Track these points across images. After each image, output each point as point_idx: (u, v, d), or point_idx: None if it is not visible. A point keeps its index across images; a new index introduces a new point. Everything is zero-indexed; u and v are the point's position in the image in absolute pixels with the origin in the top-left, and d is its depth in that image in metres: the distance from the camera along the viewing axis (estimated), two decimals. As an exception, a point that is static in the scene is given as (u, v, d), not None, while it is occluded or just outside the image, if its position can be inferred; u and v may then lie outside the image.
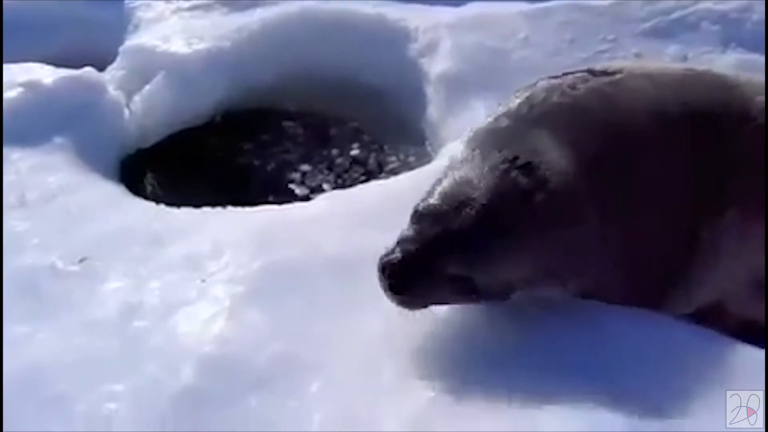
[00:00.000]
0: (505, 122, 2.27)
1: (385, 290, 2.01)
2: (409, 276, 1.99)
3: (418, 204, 2.09)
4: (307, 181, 3.70)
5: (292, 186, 3.67)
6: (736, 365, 2.08)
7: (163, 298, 2.41)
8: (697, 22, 4.00)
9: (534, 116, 2.25)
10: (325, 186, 3.64)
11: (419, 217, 2.05)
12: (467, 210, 1.98)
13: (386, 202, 2.98)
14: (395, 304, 2.04)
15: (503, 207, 1.99)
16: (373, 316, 2.35)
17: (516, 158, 2.06)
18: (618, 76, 2.39)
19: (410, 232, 2.03)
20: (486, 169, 2.05)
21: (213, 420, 2.02)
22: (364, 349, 2.22)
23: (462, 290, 2.05)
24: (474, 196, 2.00)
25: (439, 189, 2.08)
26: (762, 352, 2.12)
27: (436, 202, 2.05)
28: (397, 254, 1.99)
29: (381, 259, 2.01)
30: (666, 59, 3.78)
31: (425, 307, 2.09)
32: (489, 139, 2.19)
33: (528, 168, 2.04)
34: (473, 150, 2.14)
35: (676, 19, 4.04)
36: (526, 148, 2.10)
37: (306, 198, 3.47)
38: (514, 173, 2.03)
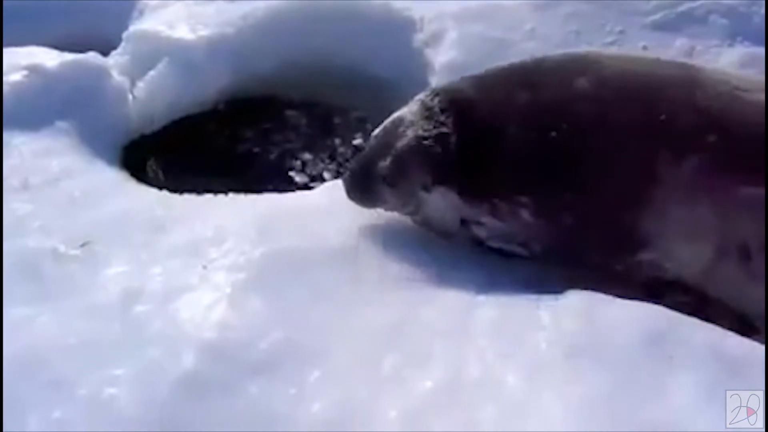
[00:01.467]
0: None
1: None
2: (354, 183, 2.67)
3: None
4: (310, 170, 3.69)
5: (294, 174, 3.66)
6: (736, 364, 2.07)
7: (165, 284, 2.42)
8: (705, 15, 3.98)
9: (482, 72, 2.69)
10: (327, 175, 3.63)
11: (368, 140, 2.72)
12: (392, 134, 2.59)
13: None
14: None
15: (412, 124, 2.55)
16: (374, 306, 2.36)
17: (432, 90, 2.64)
18: (583, 53, 2.73)
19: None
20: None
21: (213, 406, 2.02)
22: (365, 338, 2.23)
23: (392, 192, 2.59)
24: (400, 126, 2.57)
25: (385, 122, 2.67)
26: (762, 350, 2.11)
27: (377, 131, 2.68)
28: (348, 169, 2.73)
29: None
30: (672, 52, 3.76)
31: (374, 206, 2.69)
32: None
33: (434, 94, 2.59)
34: None
35: (684, 12, 4.01)
36: (448, 88, 2.64)
37: (308, 187, 3.46)
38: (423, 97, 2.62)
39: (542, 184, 2.45)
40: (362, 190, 2.66)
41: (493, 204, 2.49)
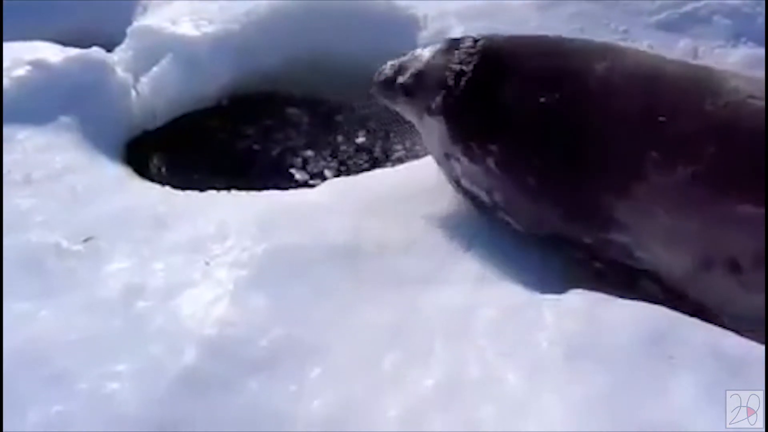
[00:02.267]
0: None
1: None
2: (382, 82, 2.95)
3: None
4: (312, 168, 3.69)
5: (296, 172, 3.66)
6: (736, 365, 2.07)
7: (167, 280, 2.42)
8: (709, 15, 3.98)
9: (525, 35, 2.94)
10: (330, 173, 3.62)
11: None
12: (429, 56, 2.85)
13: (391, 190, 2.98)
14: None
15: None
16: (374, 304, 2.36)
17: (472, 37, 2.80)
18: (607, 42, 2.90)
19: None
20: None
21: (213, 402, 2.03)
22: (366, 336, 2.23)
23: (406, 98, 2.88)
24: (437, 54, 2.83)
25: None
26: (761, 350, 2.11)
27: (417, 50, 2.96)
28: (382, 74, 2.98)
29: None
30: (676, 53, 3.75)
31: (391, 105, 3.02)
32: None
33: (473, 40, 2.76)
34: None
35: (688, 12, 4.01)
36: (487, 36, 2.80)
37: (310, 184, 3.46)
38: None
39: (511, 138, 2.59)
40: (386, 88, 2.94)
41: (468, 146, 2.65)
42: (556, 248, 2.60)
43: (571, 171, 2.49)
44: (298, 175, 3.62)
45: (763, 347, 2.12)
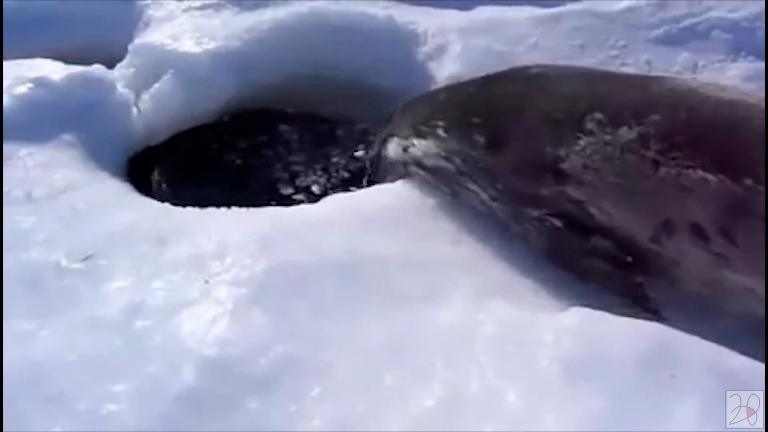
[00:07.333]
0: None
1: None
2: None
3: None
4: (314, 183, 3.70)
5: (298, 187, 3.68)
6: (737, 381, 2.05)
7: (167, 298, 2.42)
8: (709, 30, 3.99)
9: None
10: (331, 188, 3.64)
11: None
12: None
13: (391, 206, 2.99)
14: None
15: None
16: (375, 321, 2.35)
17: None
18: None
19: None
20: None
21: (213, 422, 2.02)
22: (366, 354, 2.22)
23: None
24: None
25: None
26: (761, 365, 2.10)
27: None
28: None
29: None
30: (676, 67, 3.77)
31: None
32: None
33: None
34: None
35: (688, 26, 4.02)
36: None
37: (311, 200, 3.47)
38: None
39: (454, 111, 2.94)
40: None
41: (417, 129, 3.07)
42: (552, 263, 2.61)
43: (512, 125, 2.70)
44: (299, 191, 3.63)
45: (762, 363, 2.11)
